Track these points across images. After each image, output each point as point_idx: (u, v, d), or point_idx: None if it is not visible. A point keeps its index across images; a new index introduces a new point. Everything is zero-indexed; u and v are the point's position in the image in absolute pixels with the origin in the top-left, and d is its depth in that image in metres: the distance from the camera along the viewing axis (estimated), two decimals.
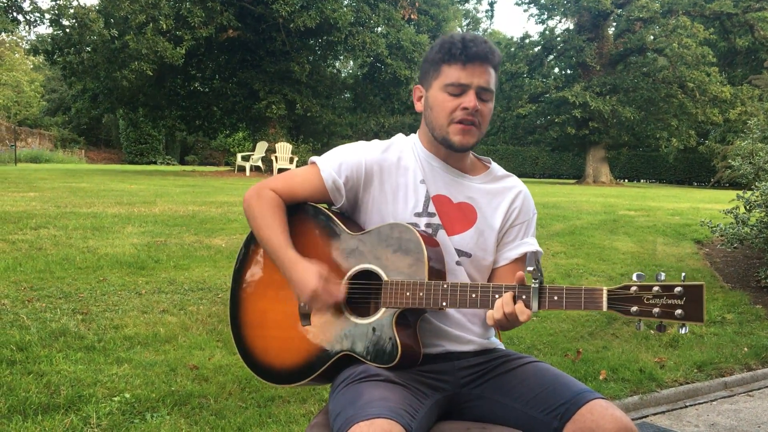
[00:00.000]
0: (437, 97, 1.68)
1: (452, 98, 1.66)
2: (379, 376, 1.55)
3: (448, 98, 1.66)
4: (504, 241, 1.76)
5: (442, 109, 1.67)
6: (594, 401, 1.49)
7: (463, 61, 1.63)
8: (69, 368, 3.08)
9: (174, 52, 17.21)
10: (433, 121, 1.71)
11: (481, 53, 1.63)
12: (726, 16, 26.64)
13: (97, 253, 5.49)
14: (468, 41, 1.64)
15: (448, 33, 1.76)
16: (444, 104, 1.67)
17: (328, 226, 1.72)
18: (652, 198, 15.47)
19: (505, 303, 1.48)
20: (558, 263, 6.37)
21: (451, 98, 1.66)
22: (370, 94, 24.45)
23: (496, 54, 1.67)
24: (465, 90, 1.64)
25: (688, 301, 1.34)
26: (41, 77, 40.57)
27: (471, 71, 1.64)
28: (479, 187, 1.77)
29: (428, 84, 1.72)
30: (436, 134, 1.71)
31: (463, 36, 1.66)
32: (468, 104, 1.64)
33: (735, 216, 5.96)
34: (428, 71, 1.71)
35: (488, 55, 1.65)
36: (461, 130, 1.67)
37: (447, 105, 1.66)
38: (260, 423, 2.72)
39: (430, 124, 1.73)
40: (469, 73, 1.64)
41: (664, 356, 3.97)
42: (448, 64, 1.65)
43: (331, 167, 1.72)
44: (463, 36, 1.66)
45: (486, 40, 1.67)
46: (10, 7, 15.84)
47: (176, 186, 13.22)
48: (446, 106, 1.66)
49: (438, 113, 1.69)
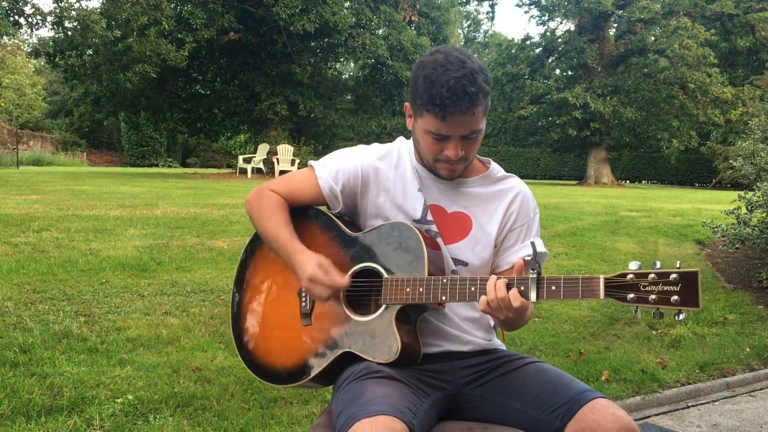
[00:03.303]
0: (422, 136, 1.63)
1: (435, 142, 1.61)
2: (380, 373, 1.55)
3: (431, 141, 1.61)
4: (504, 245, 1.74)
5: (428, 150, 1.64)
6: (595, 400, 1.49)
7: (442, 116, 1.55)
8: (72, 370, 3.09)
9: (177, 54, 17.26)
10: (420, 152, 1.69)
11: (462, 109, 1.53)
12: (727, 17, 26.64)
13: (100, 256, 5.50)
14: (450, 96, 1.51)
15: (439, 59, 1.57)
16: (428, 146, 1.63)
17: (329, 227, 1.74)
18: (653, 199, 15.46)
19: (498, 288, 1.48)
20: (560, 264, 6.37)
21: (434, 142, 1.61)
22: (371, 95, 24.48)
23: (482, 95, 1.55)
24: (447, 139, 1.59)
25: (683, 287, 1.35)
26: (43, 80, 40.67)
27: (452, 124, 1.56)
28: (475, 193, 1.75)
29: (414, 112, 1.65)
30: (425, 163, 1.70)
31: (448, 83, 1.52)
32: (450, 154, 1.60)
33: (736, 217, 5.95)
34: (414, 101, 1.62)
35: (471, 106, 1.54)
36: (448, 168, 1.66)
37: (431, 147, 1.63)
38: (263, 424, 2.73)
39: (418, 151, 1.71)
40: (450, 125, 1.56)
41: (666, 357, 3.97)
42: (428, 111, 1.56)
43: (329, 174, 1.73)
44: (448, 83, 1.52)
45: (475, 81, 1.53)
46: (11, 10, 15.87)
47: (178, 188, 13.23)
48: (431, 148, 1.63)
49: (423, 149, 1.66)
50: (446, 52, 1.58)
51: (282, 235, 1.69)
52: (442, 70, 1.54)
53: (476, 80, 1.54)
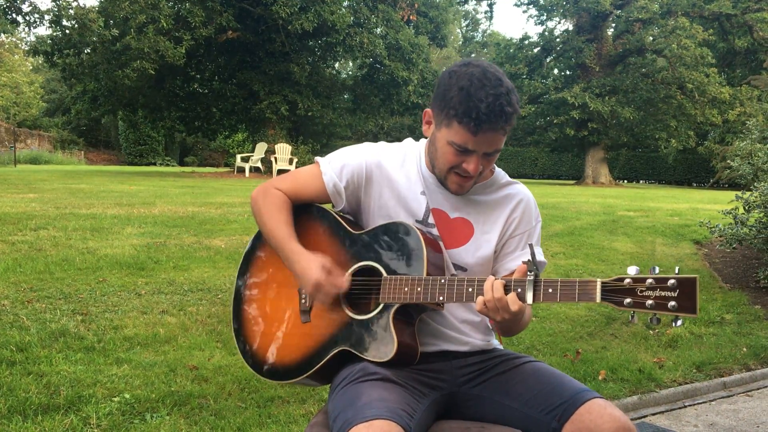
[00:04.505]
0: (442, 146, 1.61)
1: (456, 154, 1.59)
2: (376, 376, 1.55)
3: (452, 152, 1.59)
4: (504, 251, 1.74)
5: (445, 160, 1.62)
6: (592, 401, 1.49)
7: (474, 132, 1.53)
8: (69, 369, 3.08)
9: (175, 52, 17.24)
10: (435, 160, 1.67)
11: (497, 127, 1.53)
12: (725, 17, 26.67)
13: (97, 254, 5.49)
14: (489, 113, 1.51)
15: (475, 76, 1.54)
16: (447, 156, 1.61)
17: (331, 225, 1.75)
18: (651, 198, 15.48)
19: (495, 288, 1.47)
20: (557, 264, 6.37)
21: (455, 154, 1.59)
22: (369, 94, 24.46)
23: (513, 119, 1.55)
24: (470, 153, 1.58)
25: (681, 293, 1.33)
26: (41, 78, 40.58)
27: (482, 140, 1.55)
28: (478, 200, 1.74)
29: (438, 122, 1.62)
30: (436, 172, 1.69)
31: (487, 100, 1.50)
32: (469, 168, 1.59)
33: (734, 216, 5.96)
34: (441, 110, 1.59)
35: (504, 126, 1.55)
36: (458, 182, 1.65)
37: (450, 158, 1.61)
38: (260, 423, 2.73)
39: (432, 159, 1.69)
40: (479, 141, 1.55)
41: (663, 356, 3.97)
42: (460, 123, 1.54)
43: (333, 170, 1.73)
44: (487, 100, 1.50)
45: (509, 105, 1.53)
46: (9, 8, 15.84)
47: (175, 187, 13.22)
48: (449, 159, 1.61)
49: (440, 159, 1.64)
50: (483, 67, 1.57)
51: (281, 234, 1.70)
52: (480, 85, 1.52)
53: (512, 100, 1.54)
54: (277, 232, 1.71)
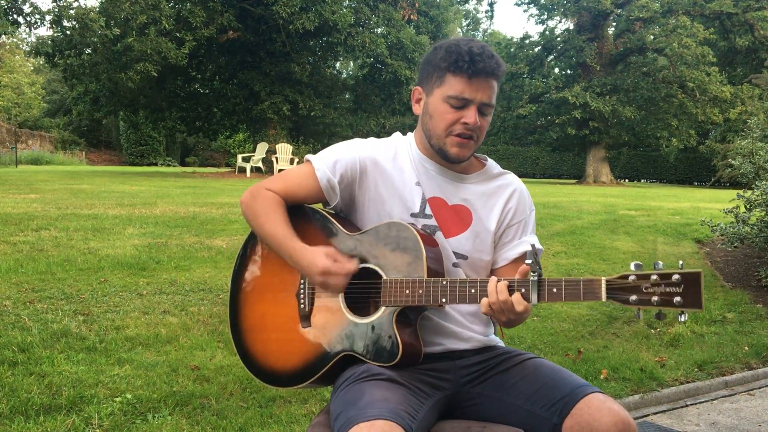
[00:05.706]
0: (438, 106, 1.65)
1: (453, 110, 1.63)
2: (380, 376, 1.54)
3: (449, 110, 1.63)
4: (502, 241, 1.75)
5: (442, 120, 1.65)
6: (591, 395, 1.49)
7: (469, 74, 1.59)
8: (70, 369, 3.08)
9: (177, 53, 17.26)
10: (431, 129, 1.69)
11: (488, 68, 1.60)
12: (726, 16, 26.65)
13: (98, 255, 5.50)
14: (476, 54, 1.59)
15: (454, 39, 1.69)
16: (444, 115, 1.64)
17: (326, 227, 1.72)
18: (652, 197, 15.47)
19: (499, 290, 1.48)
20: (559, 263, 6.37)
21: (452, 110, 1.63)
22: (371, 94, 24.45)
23: (502, 68, 1.64)
24: (467, 104, 1.62)
25: (686, 288, 1.33)
26: (42, 79, 40.63)
27: (476, 86, 1.60)
28: (474, 188, 1.75)
29: (429, 89, 1.68)
30: (433, 143, 1.69)
31: (471, 47, 1.60)
32: (469, 120, 1.62)
33: (735, 215, 5.96)
34: (431, 76, 1.67)
35: (495, 70, 1.62)
36: (459, 143, 1.65)
37: (447, 117, 1.64)
38: (261, 423, 2.73)
39: (427, 131, 1.71)
40: (474, 87, 1.60)
41: (665, 355, 3.97)
42: (453, 74, 1.61)
43: (326, 165, 1.72)
44: (471, 47, 1.60)
45: (493, 54, 1.63)
46: (10, 8, 15.84)
47: (177, 187, 13.23)
48: (446, 118, 1.64)
49: (437, 123, 1.66)
50: (458, 38, 1.68)
51: (281, 233, 1.67)
52: (464, 41, 1.64)
53: (495, 54, 1.65)
54: (277, 233, 1.68)
